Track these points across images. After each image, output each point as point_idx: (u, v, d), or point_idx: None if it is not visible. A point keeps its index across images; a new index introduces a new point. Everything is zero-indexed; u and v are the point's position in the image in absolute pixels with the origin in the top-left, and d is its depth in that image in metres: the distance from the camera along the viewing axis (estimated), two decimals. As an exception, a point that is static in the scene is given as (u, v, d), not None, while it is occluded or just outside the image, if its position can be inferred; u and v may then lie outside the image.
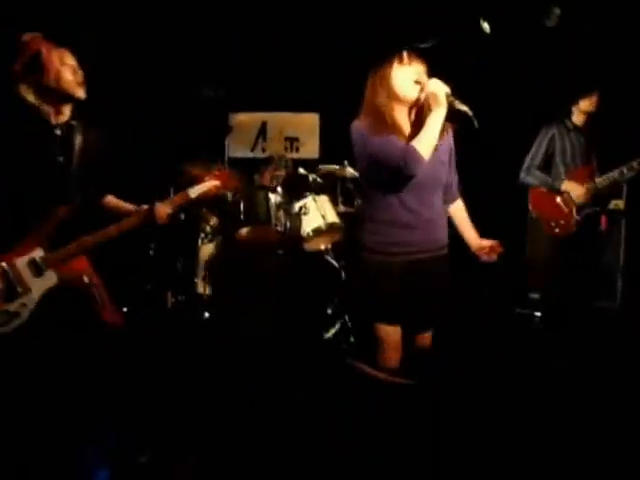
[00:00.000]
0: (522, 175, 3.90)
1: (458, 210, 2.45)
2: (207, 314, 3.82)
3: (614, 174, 3.72)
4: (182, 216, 4.01)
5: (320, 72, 4.70)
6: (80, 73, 2.29)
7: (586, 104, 3.79)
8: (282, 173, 4.11)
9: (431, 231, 2.28)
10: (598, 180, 3.78)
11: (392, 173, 2.14)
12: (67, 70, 2.25)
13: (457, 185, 2.43)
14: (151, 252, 4.06)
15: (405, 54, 2.22)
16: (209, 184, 2.51)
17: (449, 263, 2.34)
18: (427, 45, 3.60)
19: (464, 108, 2.14)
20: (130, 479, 2.17)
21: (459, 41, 3.70)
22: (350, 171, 4.09)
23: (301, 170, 4.20)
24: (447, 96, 2.14)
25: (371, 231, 2.27)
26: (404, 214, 2.22)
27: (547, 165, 3.88)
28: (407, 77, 2.20)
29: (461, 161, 2.43)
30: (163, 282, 4.05)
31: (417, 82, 2.18)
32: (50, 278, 2.26)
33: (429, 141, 2.14)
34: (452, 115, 2.19)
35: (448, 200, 2.40)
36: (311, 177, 4.17)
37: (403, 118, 2.26)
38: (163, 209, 2.43)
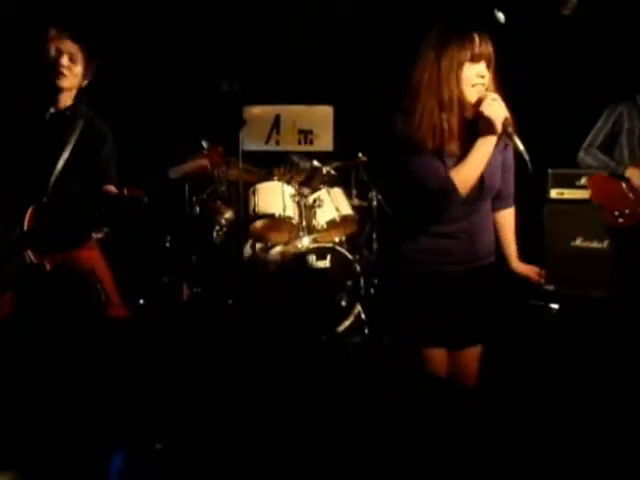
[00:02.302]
0: (581, 154, 3.43)
1: (506, 219, 2.11)
2: (223, 306, 3.85)
3: None
4: (197, 209, 4.04)
5: (334, 65, 4.70)
6: (76, 69, 2.28)
7: None
8: (301, 177, 4.12)
9: (477, 240, 1.96)
10: None
11: (423, 199, 1.85)
12: (54, 53, 2.24)
13: (513, 191, 2.10)
14: (167, 244, 4.10)
15: (477, 39, 1.74)
16: (193, 164, 2.40)
17: (494, 273, 2.06)
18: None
19: (520, 147, 1.76)
20: (146, 465, 2.20)
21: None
22: (363, 160, 4.09)
23: (315, 163, 4.21)
24: (505, 124, 1.75)
25: (408, 240, 1.94)
26: (447, 224, 1.89)
27: (609, 147, 3.41)
28: (476, 74, 1.75)
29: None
30: (179, 275, 4.08)
31: (480, 84, 1.76)
32: (22, 259, 2.24)
33: (471, 175, 1.79)
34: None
35: (499, 206, 2.08)
36: (325, 170, 4.18)
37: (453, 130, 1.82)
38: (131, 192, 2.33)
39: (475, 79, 1.75)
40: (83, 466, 2.09)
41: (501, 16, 3.65)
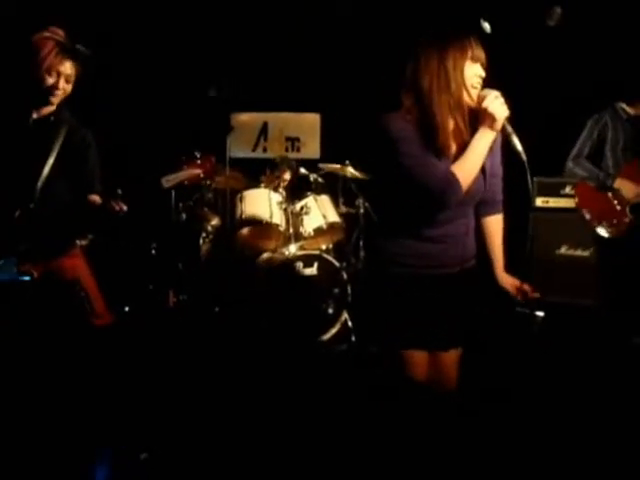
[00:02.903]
0: (569, 165, 3.43)
1: (493, 226, 2.09)
2: (209, 313, 3.83)
3: None
4: (184, 216, 4.03)
5: (321, 72, 4.72)
6: (63, 87, 2.26)
7: None
8: (288, 177, 4.11)
9: (461, 244, 1.96)
10: None
11: (423, 198, 1.82)
12: (50, 80, 2.23)
13: (501, 196, 2.09)
14: (153, 252, 4.07)
15: (474, 42, 1.79)
16: (187, 173, 2.38)
17: (477, 276, 2.06)
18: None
19: (518, 147, 1.79)
20: (132, 476, 2.18)
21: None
22: (351, 171, 4.10)
23: (302, 170, 4.22)
24: (505, 123, 1.78)
25: (393, 244, 1.94)
26: (433, 228, 1.90)
27: (596, 157, 3.40)
28: (475, 74, 1.78)
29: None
30: (165, 281, 4.06)
31: (478, 84, 1.79)
32: (9, 269, 2.21)
33: (472, 169, 1.79)
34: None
35: (486, 212, 2.07)
36: (312, 177, 4.19)
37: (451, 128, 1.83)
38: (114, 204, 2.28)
39: (474, 79, 1.78)
40: (68, 476, 2.07)
41: (487, 26, 3.69)
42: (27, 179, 2.28)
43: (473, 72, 1.78)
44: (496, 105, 1.75)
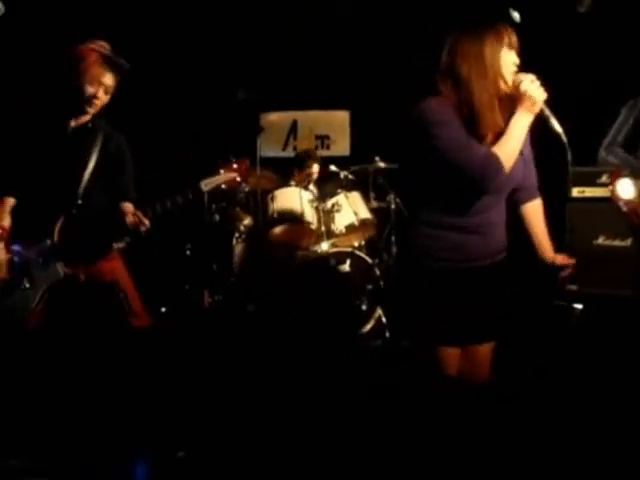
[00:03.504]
0: (602, 153, 3.36)
1: (534, 211, 2.07)
2: (244, 313, 3.87)
3: None
4: (217, 217, 4.07)
5: (350, 70, 4.71)
6: (102, 97, 2.33)
7: None
8: (316, 169, 4.12)
9: (494, 235, 1.94)
10: None
11: (462, 182, 1.80)
12: (91, 90, 2.29)
13: (536, 182, 2.07)
14: (187, 252, 4.13)
15: (509, 30, 1.81)
16: (224, 177, 2.45)
17: (508, 269, 2.02)
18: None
19: (558, 129, 1.80)
20: (169, 474, 2.22)
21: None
22: (381, 165, 4.09)
23: (332, 167, 4.22)
24: (543, 106, 1.79)
25: (426, 235, 1.91)
26: (468, 217, 1.87)
27: (631, 145, 3.32)
28: (512, 61, 1.80)
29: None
30: (200, 282, 4.11)
31: (515, 72, 1.80)
32: (56, 272, 2.29)
33: (513, 151, 1.79)
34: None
35: (524, 199, 2.05)
36: (342, 174, 4.19)
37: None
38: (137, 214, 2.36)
39: (511, 66, 1.79)
40: (108, 475, 2.11)
41: (516, 15, 3.64)
42: (68, 185, 2.35)
43: (510, 59, 1.79)
44: (533, 88, 1.76)
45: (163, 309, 3.69)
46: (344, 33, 4.65)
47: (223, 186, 2.44)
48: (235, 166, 2.51)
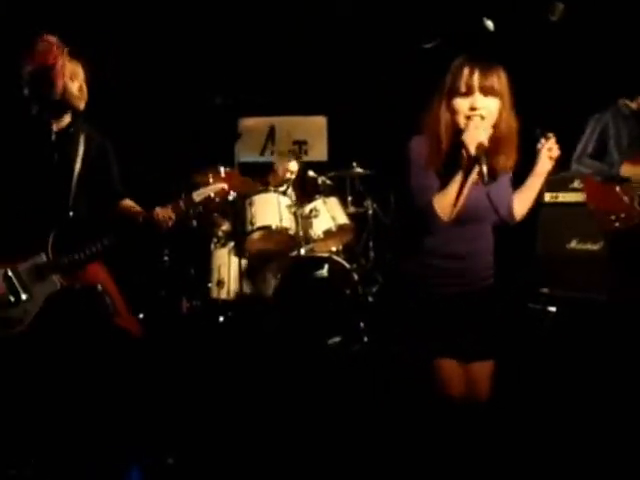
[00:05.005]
0: (574, 166, 3.45)
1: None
2: (221, 318, 3.86)
3: None
4: (194, 222, 4.06)
5: (327, 75, 4.74)
6: (85, 89, 2.32)
7: None
8: (295, 168, 4.09)
9: (478, 262, 2.01)
10: None
11: (416, 217, 1.93)
12: (75, 85, 2.28)
13: (511, 206, 2.07)
14: (165, 258, 4.11)
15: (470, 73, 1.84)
16: (215, 187, 2.46)
17: (496, 293, 2.08)
18: (431, 45, 3.63)
19: (484, 169, 1.77)
20: None
21: (462, 40, 3.71)
22: (358, 171, 4.12)
23: (310, 173, 4.24)
24: (478, 148, 1.80)
25: (412, 261, 2.00)
26: (450, 244, 1.95)
27: (599, 155, 3.40)
28: (467, 106, 1.86)
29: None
30: (177, 288, 4.10)
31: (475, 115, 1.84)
32: (52, 284, 2.27)
33: (448, 201, 1.85)
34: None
35: (505, 223, 2.09)
36: (320, 179, 4.21)
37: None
38: (164, 214, 2.38)
39: (467, 111, 1.84)
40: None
41: (490, 24, 3.70)
42: (57, 197, 2.32)
43: (466, 104, 1.84)
44: (471, 133, 1.81)
45: (141, 315, 3.66)
46: (322, 40, 4.68)
47: (212, 195, 2.44)
48: (224, 175, 2.53)
